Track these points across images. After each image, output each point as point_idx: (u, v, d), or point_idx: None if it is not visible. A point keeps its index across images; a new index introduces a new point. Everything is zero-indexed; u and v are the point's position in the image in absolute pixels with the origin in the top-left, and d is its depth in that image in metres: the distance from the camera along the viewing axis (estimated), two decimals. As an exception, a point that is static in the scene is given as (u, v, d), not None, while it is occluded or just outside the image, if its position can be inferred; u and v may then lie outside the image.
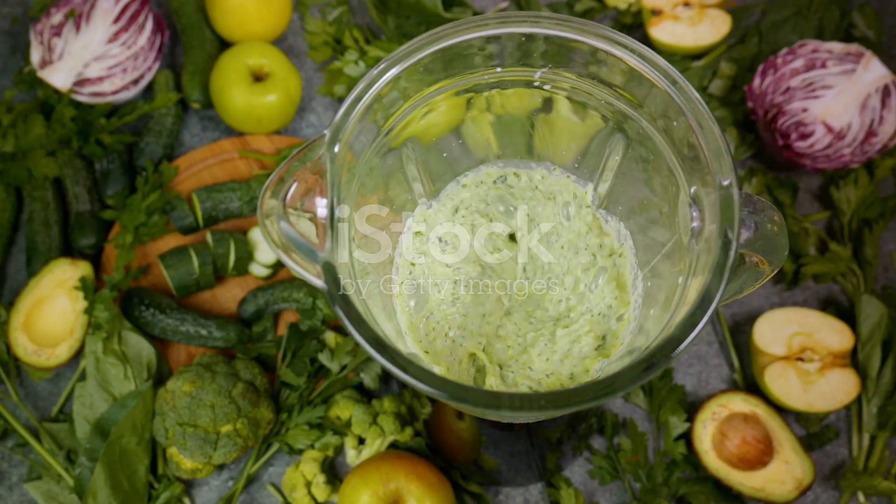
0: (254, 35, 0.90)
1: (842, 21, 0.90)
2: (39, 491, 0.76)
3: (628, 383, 0.40)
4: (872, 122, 0.81)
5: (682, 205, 0.47)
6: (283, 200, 0.43)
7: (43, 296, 0.80)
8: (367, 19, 0.95)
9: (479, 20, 0.46)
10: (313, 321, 0.79)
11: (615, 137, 0.51)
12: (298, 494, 0.75)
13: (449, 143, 0.55)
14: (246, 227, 0.85)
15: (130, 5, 0.88)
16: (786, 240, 0.45)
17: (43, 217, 0.84)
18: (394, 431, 0.76)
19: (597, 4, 0.94)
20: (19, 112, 0.86)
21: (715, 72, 0.90)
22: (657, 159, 0.49)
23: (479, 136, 0.55)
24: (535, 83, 0.50)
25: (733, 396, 0.77)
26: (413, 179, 0.54)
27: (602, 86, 0.48)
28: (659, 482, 0.76)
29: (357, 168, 0.48)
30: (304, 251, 0.43)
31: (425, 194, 0.56)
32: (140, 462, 0.75)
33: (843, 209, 0.84)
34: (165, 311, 0.80)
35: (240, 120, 0.86)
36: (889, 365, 0.77)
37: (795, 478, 0.74)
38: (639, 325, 0.52)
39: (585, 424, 0.78)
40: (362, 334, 0.41)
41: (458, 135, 0.55)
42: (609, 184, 0.54)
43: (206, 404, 0.72)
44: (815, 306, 0.83)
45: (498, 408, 0.40)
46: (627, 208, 0.54)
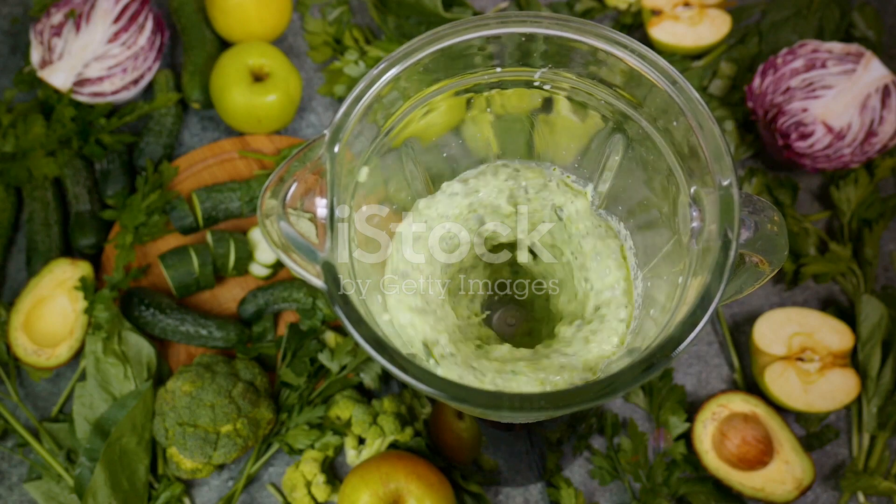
0: (254, 35, 0.90)
1: (842, 21, 0.90)
2: (39, 491, 0.76)
3: (628, 383, 0.40)
4: (872, 122, 0.81)
5: (682, 205, 0.47)
6: (283, 200, 0.43)
7: (43, 296, 0.80)
8: (367, 19, 0.95)
9: (479, 20, 0.46)
10: (313, 321, 0.79)
11: (615, 137, 0.51)
12: (298, 494, 0.75)
13: (449, 143, 0.55)
14: (246, 227, 0.85)
15: (130, 5, 0.88)
16: (786, 240, 0.45)
17: (43, 217, 0.84)
18: (394, 431, 0.76)
19: (597, 4, 0.94)
20: (19, 112, 0.86)
21: (715, 72, 0.90)
22: (657, 159, 0.49)
23: (479, 136, 0.55)
24: (535, 83, 0.50)
25: (733, 396, 0.77)
26: (413, 179, 0.54)
27: (602, 86, 0.48)
28: (659, 482, 0.76)
29: (357, 168, 0.48)
30: (304, 251, 0.43)
31: (425, 194, 0.56)
32: (140, 462, 0.75)
33: (843, 209, 0.84)
34: (165, 311, 0.80)
35: (240, 120, 0.86)
36: (889, 365, 0.77)
37: (795, 478, 0.74)
38: (639, 325, 0.52)
39: (585, 424, 0.78)
40: (362, 334, 0.41)
41: (458, 135, 0.55)
42: (609, 184, 0.54)
43: (206, 404, 0.72)
44: (815, 306, 0.83)
45: (498, 408, 0.40)
46: (627, 208, 0.54)
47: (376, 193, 0.51)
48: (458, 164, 0.56)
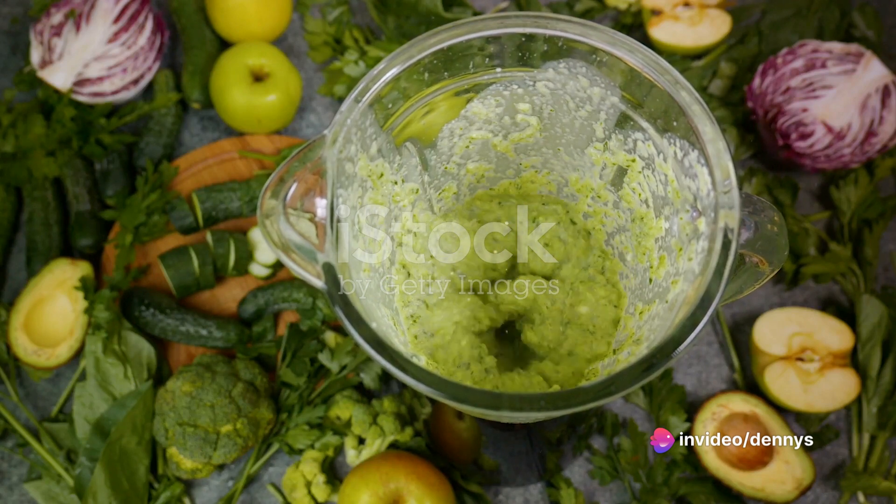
0: (254, 35, 0.90)
1: (842, 21, 0.90)
2: (39, 491, 0.76)
3: (628, 384, 0.40)
4: (872, 122, 0.81)
5: (682, 205, 0.47)
6: (283, 200, 0.43)
7: (43, 296, 0.80)
8: (367, 19, 0.95)
9: (479, 20, 0.46)
10: (313, 321, 0.79)
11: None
12: (298, 494, 0.75)
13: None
14: (246, 227, 0.85)
15: (130, 5, 0.88)
16: (786, 240, 0.45)
17: (43, 217, 0.84)
18: (394, 431, 0.76)
19: (597, 4, 0.94)
20: (19, 112, 0.85)
21: (715, 72, 0.90)
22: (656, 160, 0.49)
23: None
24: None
25: (733, 396, 0.77)
26: (413, 179, 0.54)
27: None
28: (659, 482, 0.76)
29: (357, 168, 0.48)
30: (304, 251, 0.43)
31: (425, 194, 0.56)
32: (140, 462, 0.75)
33: (843, 209, 0.84)
34: (165, 311, 0.80)
35: (240, 120, 0.86)
36: (889, 365, 0.77)
37: (795, 478, 0.74)
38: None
39: (585, 424, 0.78)
40: (362, 334, 0.41)
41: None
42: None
43: (206, 404, 0.72)
44: (815, 306, 0.83)
45: (498, 408, 0.40)
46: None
47: (376, 193, 0.51)
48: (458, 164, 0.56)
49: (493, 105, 0.51)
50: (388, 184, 0.51)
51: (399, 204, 0.54)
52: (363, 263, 0.49)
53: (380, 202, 0.51)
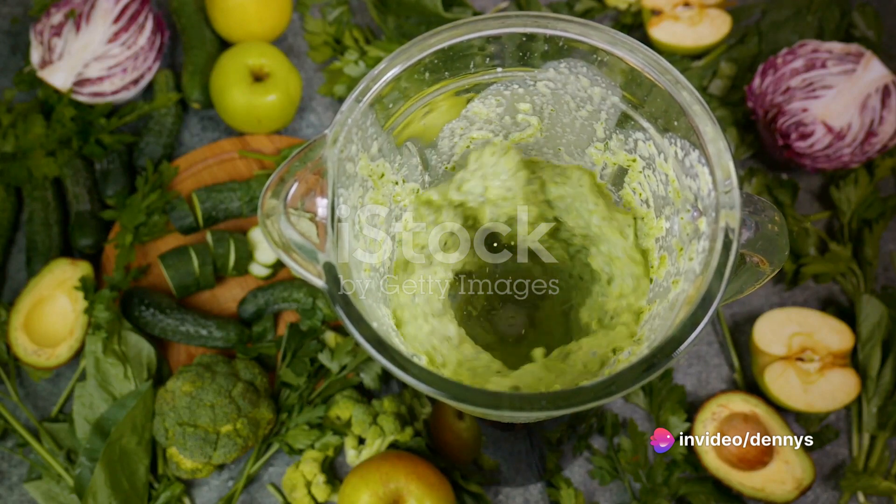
0: (254, 35, 0.90)
1: (842, 21, 0.90)
2: (39, 491, 0.76)
3: (628, 384, 0.40)
4: (872, 122, 0.81)
5: (683, 205, 0.47)
6: (283, 200, 0.43)
7: (43, 296, 0.80)
8: (367, 19, 0.95)
9: (480, 20, 0.46)
10: (313, 321, 0.79)
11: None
12: (298, 494, 0.75)
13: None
14: (246, 227, 0.85)
15: (130, 5, 0.88)
16: (786, 240, 0.45)
17: (43, 217, 0.84)
18: (394, 431, 0.76)
19: (597, 4, 0.94)
20: (19, 112, 0.85)
21: (715, 72, 0.90)
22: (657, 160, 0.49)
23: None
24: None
25: (733, 396, 0.77)
26: (413, 179, 0.54)
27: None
28: (659, 482, 0.76)
29: (358, 168, 0.48)
30: (305, 251, 0.43)
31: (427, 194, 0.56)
32: (140, 462, 0.74)
33: (843, 209, 0.84)
34: (165, 311, 0.80)
35: (240, 120, 0.86)
36: (889, 365, 0.77)
37: (795, 478, 0.74)
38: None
39: (585, 424, 0.78)
40: (363, 334, 0.41)
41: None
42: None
43: (206, 404, 0.72)
44: (815, 306, 0.83)
45: (498, 408, 0.40)
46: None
47: (377, 193, 0.51)
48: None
49: (493, 105, 0.51)
50: (389, 184, 0.52)
51: (400, 204, 0.54)
52: (364, 263, 0.49)
53: (380, 202, 0.51)
